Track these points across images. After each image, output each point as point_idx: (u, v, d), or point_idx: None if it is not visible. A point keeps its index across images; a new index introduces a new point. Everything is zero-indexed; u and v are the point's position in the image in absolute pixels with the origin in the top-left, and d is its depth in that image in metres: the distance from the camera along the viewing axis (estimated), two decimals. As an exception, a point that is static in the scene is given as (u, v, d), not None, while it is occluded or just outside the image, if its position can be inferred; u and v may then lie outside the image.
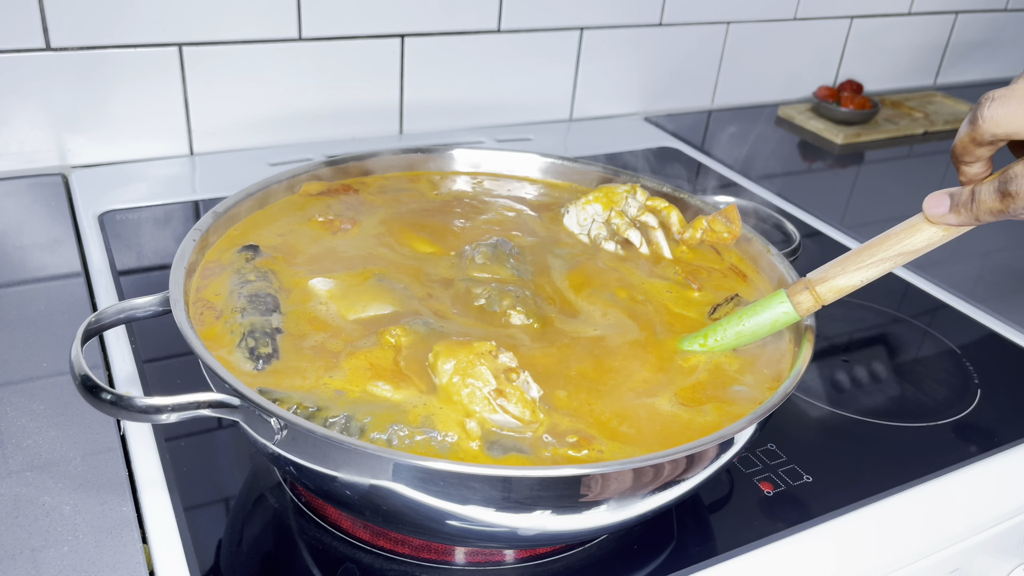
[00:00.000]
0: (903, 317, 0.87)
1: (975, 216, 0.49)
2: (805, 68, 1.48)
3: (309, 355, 0.55)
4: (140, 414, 0.47)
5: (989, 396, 0.76)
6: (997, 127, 0.45)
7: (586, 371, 0.57)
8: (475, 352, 0.53)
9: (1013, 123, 0.44)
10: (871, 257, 0.55)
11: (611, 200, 0.73)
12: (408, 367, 0.54)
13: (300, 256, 0.67)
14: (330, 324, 0.59)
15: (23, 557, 0.52)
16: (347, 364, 0.54)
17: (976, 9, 1.61)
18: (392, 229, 0.72)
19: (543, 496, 0.46)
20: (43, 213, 0.90)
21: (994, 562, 0.69)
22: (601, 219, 0.72)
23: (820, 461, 0.66)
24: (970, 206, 0.49)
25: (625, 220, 0.72)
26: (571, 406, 0.54)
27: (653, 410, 0.54)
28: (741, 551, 0.58)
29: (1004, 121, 0.45)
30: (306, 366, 0.54)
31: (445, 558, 0.55)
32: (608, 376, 0.57)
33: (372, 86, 1.12)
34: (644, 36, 1.28)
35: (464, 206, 0.77)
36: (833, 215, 1.07)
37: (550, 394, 0.54)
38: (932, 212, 0.51)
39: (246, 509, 0.58)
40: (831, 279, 0.56)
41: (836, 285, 0.56)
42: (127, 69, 0.98)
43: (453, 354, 0.53)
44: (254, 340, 0.55)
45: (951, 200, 0.50)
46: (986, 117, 0.45)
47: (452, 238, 0.72)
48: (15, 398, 0.65)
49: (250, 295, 0.59)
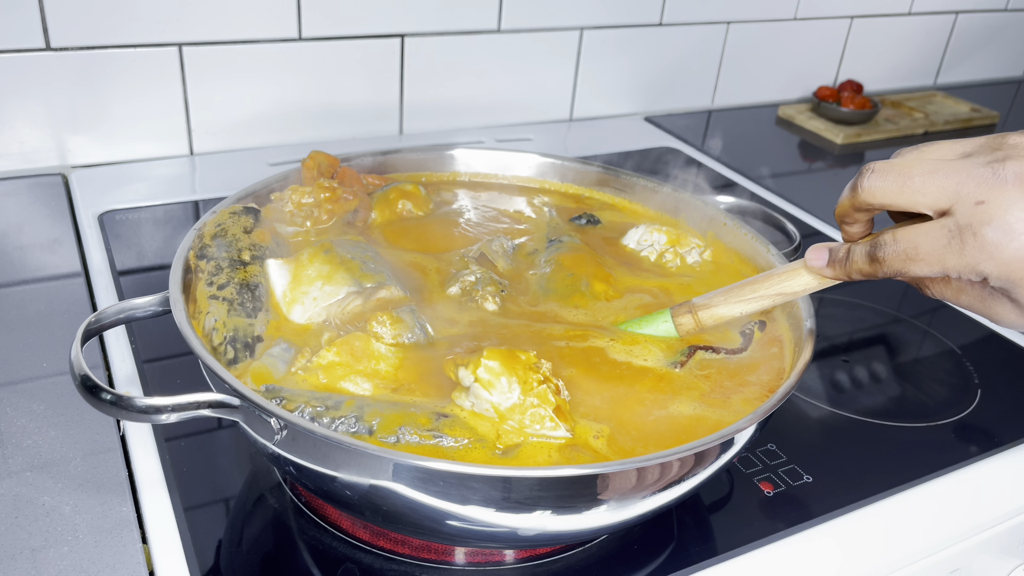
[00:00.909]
0: (903, 317, 0.87)
1: (847, 273, 0.52)
2: (805, 68, 1.48)
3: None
4: (140, 414, 0.47)
5: (989, 396, 0.76)
6: (873, 197, 0.48)
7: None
8: (529, 367, 0.52)
9: (888, 196, 0.47)
10: (752, 293, 0.59)
11: (678, 241, 0.74)
12: (410, 372, 0.54)
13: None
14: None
15: (23, 557, 0.52)
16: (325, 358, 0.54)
17: (976, 9, 1.61)
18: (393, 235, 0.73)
19: (543, 496, 0.46)
20: (43, 213, 0.90)
21: (994, 562, 0.69)
22: (660, 247, 0.73)
23: (820, 461, 0.66)
24: (844, 263, 0.52)
25: (679, 259, 0.73)
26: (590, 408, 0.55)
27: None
28: (741, 551, 0.58)
29: (880, 193, 0.47)
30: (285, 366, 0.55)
31: (445, 558, 0.55)
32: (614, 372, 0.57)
33: (372, 86, 1.12)
34: (644, 36, 1.28)
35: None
36: (833, 215, 1.07)
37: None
38: (812, 263, 0.54)
39: (246, 509, 0.58)
40: (713, 307, 0.60)
41: (716, 313, 0.60)
42: (127, 69, 0.98)
43: (510, 369, 0.51)
44: (233, 351, 0.55)
45: (829, 255, 0.53)
46: (864, 187, 0.48)
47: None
48: (15, 398, 0.65)
49: (240, 283, 0.58)
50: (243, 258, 0.60)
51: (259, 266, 0.60)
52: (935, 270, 0.46)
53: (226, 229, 0.62)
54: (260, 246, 0.62)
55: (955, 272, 0.45)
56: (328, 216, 0.69)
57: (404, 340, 0.57)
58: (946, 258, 0.45)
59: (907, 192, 0.46)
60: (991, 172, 0.44)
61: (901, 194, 0.46)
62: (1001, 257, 0.43)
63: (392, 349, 0.56)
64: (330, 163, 0.75)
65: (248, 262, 0.60)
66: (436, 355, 0.57)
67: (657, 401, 0.56)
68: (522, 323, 0.62)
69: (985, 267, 0.44)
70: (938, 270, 0.46)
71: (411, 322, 0.58)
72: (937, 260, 0.45)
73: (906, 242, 0.47)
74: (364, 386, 0.53)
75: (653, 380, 0.57)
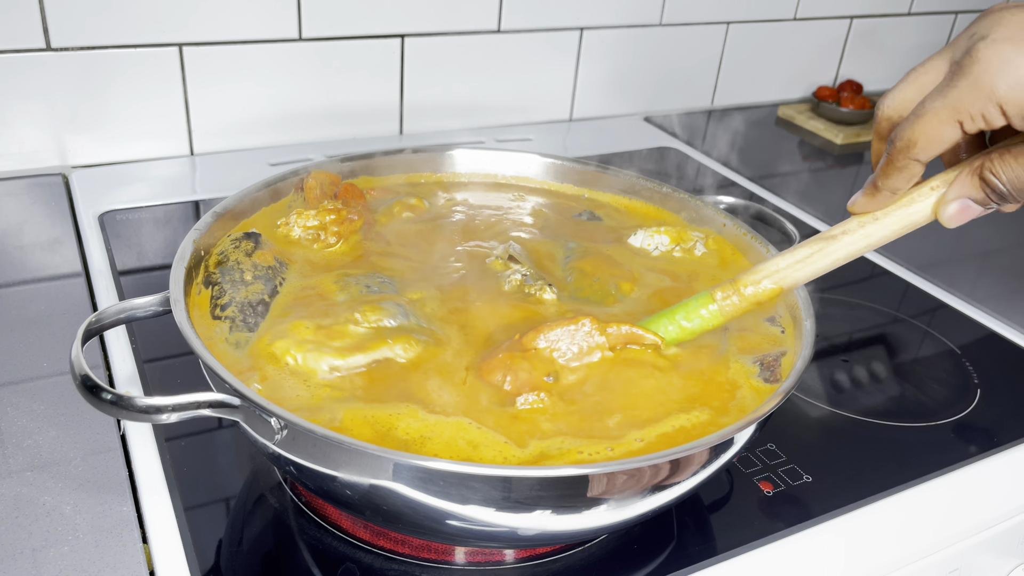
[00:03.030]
0: (903, 317, 0.87)
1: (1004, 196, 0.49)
2: (805, 68, 1.48)
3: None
4: (140, 414, 0.47)
5: (989, 396, 0.76)
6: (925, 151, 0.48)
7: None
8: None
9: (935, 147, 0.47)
10: (819, 249, 0.56)
11: (681, 238, 0.74)
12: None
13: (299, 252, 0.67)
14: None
15: (23, 557, 0.52)
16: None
17: (976, 9, 1.61)
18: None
19: (543, 496, 0.46)
20: (43, 213, 0.90)
21: (994, 562, 0.69)
22: (665, 248, 0.74)
23: (820, 461, 0.66)
24: (996, 188, 0.49)
25: (685, 253, 0.73)
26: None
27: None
28: (741, 551, 0.58)
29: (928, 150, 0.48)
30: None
31: (445, 558, 0.55)
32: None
33: (372, 86, 1.12)
34: (644, 36, 1.28)
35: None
36: (833, 215, 1.07)
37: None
38: (954, 221, 0.51)
39: (246, 509, 0.58)
40: (766, 277, 0.57)
41: (772, 283, 0.57)
42: (127, 69, 0.98)
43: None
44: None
45: (973, 201, 0.50)
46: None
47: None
48: (15, 398, 0.65)
49: (241, 303, 0.59)
50: (245, 279, 0.61)
51: (261, 285, 0.61)
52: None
53: (228, 256, 0.63)
54: (261, 266, 0.63)
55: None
56: (336, 238, 0.69)
57: (386, 324, 0.59)
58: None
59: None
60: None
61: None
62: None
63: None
64: (332, 181, 0.73)
65: (250, 282, 0.61)
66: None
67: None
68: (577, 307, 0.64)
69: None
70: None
71: (393, 308, 0.60)
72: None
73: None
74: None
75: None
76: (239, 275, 0.62)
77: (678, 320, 0.58)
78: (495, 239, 0.73)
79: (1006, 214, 0.53)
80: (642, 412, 0.54)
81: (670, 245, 0.73)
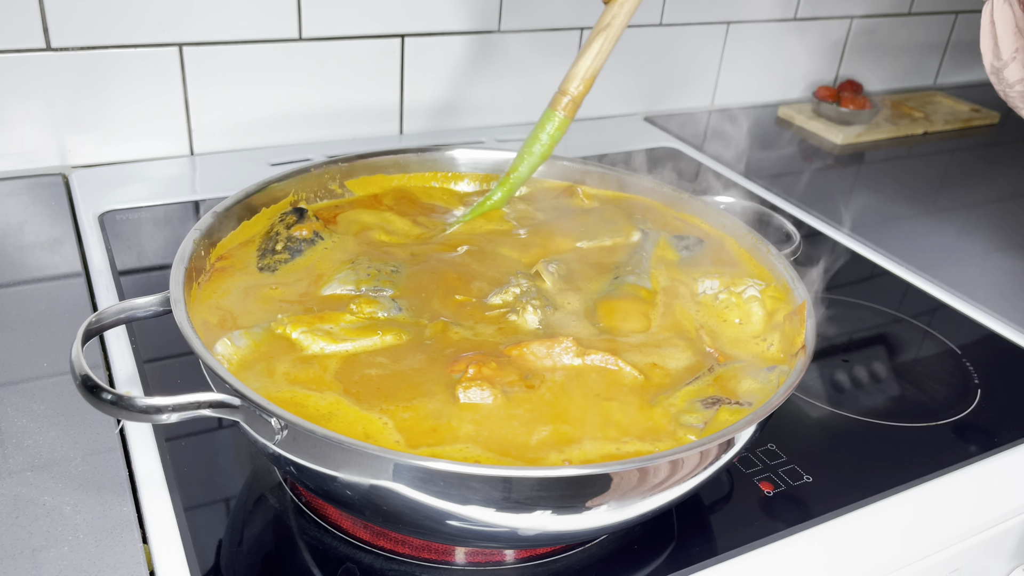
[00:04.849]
0: (903, 317, 0.87)
1: None
2: (805, 68, 1.48)
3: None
4: (140, 414, 0.47)
5: (989, 396, 0.76)
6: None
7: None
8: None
9: None
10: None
11: (731, 283, 0.68)
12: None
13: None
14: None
15: (23, 557, 0.52)
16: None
17: (976, 9, 1.61)
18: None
19: (543, 496, 0.46)
20: (43, 213, 0.90)
21: (994, 562, 0.69)
22: (713, 291, 0.68)
23: (820, 461, 0.66)
24: None
25: (733, 300, 0.67)
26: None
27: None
28: (741, 551, 0.58)
29: None
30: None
31: (445, 558, 0.55)
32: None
33: (372, 86, 1.12)
34: (644, 36, 1.28)
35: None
36: (833, 215, 1.07)
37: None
38: None
39: (246, 509, 0.58)
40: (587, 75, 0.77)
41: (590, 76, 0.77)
42: (127, 69, 0.98)
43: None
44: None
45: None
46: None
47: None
48: (15, 398, 0.65)
49: (269, 264, 0.67)
50: (276, 247, 0.68)
51: (289, 253, 0.68)
52: None
53: (273, 227, 0.70)
54: (296, 237, 0.69)
55: None
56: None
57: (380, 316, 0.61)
58: None
59: None
60: None
61: None
62: None
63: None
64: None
65: (279, 251, 0.68)
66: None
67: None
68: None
69: None
70: None
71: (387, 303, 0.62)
72: None
73: None
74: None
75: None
76: (274, 243, 0.69)
77: (537, 144, 0.76)
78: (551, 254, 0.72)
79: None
80: (577, 433, 0.52)
81: (720, 287, 0.68)
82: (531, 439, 0.51)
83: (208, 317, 0.60)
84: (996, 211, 1.14)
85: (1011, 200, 1.18)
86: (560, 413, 0.54)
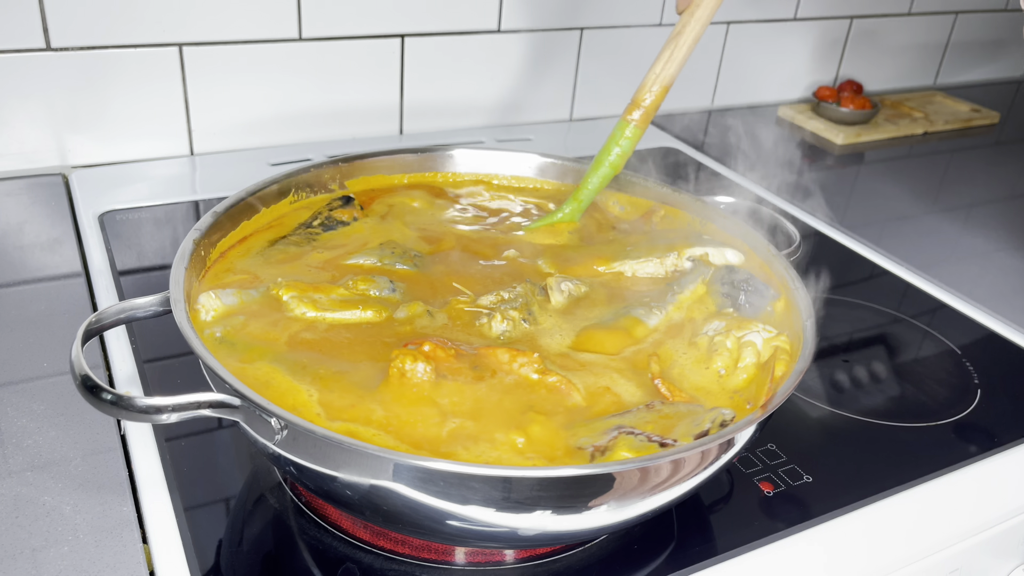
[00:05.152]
0: (903, 317, 0.87)
1: None
2: (805, 68, 1.48)
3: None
4: (140, 414, 0.47)
5: (989, 396, 0.76)
6: None
7: None
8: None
9: None
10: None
11: (741, 326, 0.63)
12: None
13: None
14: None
15: (23, 557, 0.52)
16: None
17: (976, 9, 1.61)
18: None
19: (543, 496, 0.46)
20: (43, 213, 0.90)
21: (994, 562, 0.69)
22: (714, 333, 0.63)
23: (820, 461, 0.66)
24: None
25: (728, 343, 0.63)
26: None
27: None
28: (741, 551, 0.58)
29: None
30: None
31: (445, 558, 0.55)
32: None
33: (372, 86, 1.12)
34: (644, 36, 1.28)
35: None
36: (833, 215, 1.07)
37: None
38: None
39: (246, 509, 0.58)
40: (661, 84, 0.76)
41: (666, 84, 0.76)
42: (127, 69, 0.98)
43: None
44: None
45: None
46: None
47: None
48: (15, 398, 0.65)
49: (302, 238, 0.71)
50: (313, 224, 0.73)
51: (320, 230, 0.72)
52: None
53: (321, 212, 0.75)
54: (333, 219, 0.73)
55: None
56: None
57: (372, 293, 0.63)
58: None
59: None
60: None
61: None
62: None
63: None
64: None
65: (315, 226, 0.72)
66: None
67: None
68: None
69: None
70: None
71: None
72: None
73: None
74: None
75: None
76: (313, 220, 0.73)
77: (609, 156, 0.76)
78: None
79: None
80: (485, 434, 0.52)
81: (728, 334, 0.63)
82: (442, 431, 0.52)
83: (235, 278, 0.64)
84: (996, 211, 1.14)
85: (1011, 200, 1.18)
86: (479, 411, 0.53)
